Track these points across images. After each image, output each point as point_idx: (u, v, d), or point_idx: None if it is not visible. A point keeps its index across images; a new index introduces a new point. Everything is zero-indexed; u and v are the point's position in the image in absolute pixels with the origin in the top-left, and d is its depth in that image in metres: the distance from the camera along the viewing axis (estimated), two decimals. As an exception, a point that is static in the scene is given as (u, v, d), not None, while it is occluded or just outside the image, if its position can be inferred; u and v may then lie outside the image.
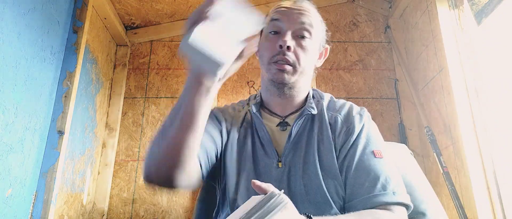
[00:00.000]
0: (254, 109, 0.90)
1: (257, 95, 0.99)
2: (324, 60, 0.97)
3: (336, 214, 0.77)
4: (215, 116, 0.93)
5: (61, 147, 1.51)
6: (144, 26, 2.38)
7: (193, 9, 2.34)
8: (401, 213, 0.74)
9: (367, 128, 0.86)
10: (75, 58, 1.64)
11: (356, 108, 0.91)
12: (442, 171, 1.69)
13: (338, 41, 2.38)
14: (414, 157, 1.12)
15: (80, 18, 1.71)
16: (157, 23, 2.39)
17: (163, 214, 2.03)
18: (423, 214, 0.90)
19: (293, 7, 0.87)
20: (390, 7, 2.41)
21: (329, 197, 0.77)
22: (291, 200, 0.78)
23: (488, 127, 1.57)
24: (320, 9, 2.45)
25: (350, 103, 0.94)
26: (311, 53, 0.86)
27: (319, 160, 0.81)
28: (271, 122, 0.91)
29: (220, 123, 0.91)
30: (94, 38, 1.98)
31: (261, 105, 0.95)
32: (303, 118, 0.87)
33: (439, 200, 1.00)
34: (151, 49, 2.37)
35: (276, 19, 0.86)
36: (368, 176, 0.77)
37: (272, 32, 0.87)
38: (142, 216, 2.02)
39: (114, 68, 2.28)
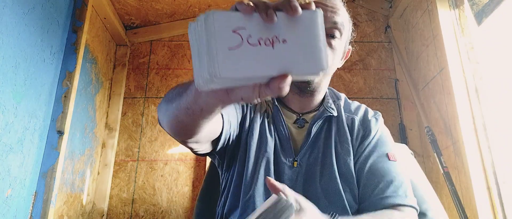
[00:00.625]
0: (275, 101, 0.88)
1: None
2: (344, 61, 0.95)
3: None
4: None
5: (61, 147, 1.51)
6: (144, 26, 2.38)
7: (193, 9, 2.34)
8: (412, 215, 0.76)
9: (381, 132, 0.87)
10: (75, 58, 1.64)
11: (371, 112, 0.92)
12: (442, 171, 1.69)
13: (338, 41, 2.38)
14: (414, 157, 1.12)
15: (79, 18, 1.71)
16: (157, 23, 2.39)
17: (163, 214, 2.02)
18: (424, 215, 0.90)
19: (326, 4, 0.82)
20: (390, 7, 2.41)
21: (346, 203, 0.77)
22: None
23: (488, 127, 1.57)
24: (320, 9, 2.46)
25: (365, 105, 0.95)
26: (338, 53, 0.84)
27: (336, 164, 0.80)
28: (289, 118, 0.89)
29: (242, 108, 0.89)
30: (94, 38, 1.97)
31: (278, 98, 0.92)
32: (323, 119, 0.86)
33: (439, 200, 1.00)
34: (151, 49, 2.37)
35: None
36: (382, 177, 0.78)
37: None
38: (142, 216, 2.02)
39: (114, 68, 2.28)
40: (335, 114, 0.87)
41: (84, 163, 1.88)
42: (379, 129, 0.87)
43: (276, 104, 0.88)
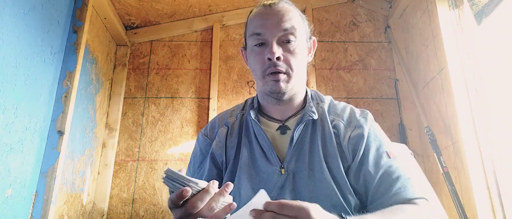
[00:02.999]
0: (252, 115, 0.89)
1: (254, 100, 0.97)
2: (314, 52, 0.95)
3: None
4: (204, 140, 0.95)
5: (61, 147, 1.51)
6: (144, 26, 2.38)
7: (193, 9, 2.34)
8: (426, 206, 0.76)
9: (374, 130, 0.86)
10: (75, 58, 1.64)
11: (358, 111, 0.90)
12: (442, 171, 1.69)
13: (338, 41, 2.38)
14: (414, 157, 1.12)
15: (80, 18, 1.71)
16: (157, 23, 2.39)
17: (163, 214, 2.03)
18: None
19: (271, 14, 0.84)
20: (390, 7, 2.41)
21: (343, 203, 0.77)
22: None
23: (488, 127, 1.57)
24: (320, 9, 2.47)
25: (351, 106, 0.93)
26: (300, 54, 0.85)
27: (327, 167, 0.80)
28: (270, 128, 0.90)
29: (209, 145, 0.92)
30: (94, 38, 1.98)
31: (259, 110, 0.94)
32: (304, 123, 0.86)
33: (439, 200, 1.00)
34: (151, 49, 2.37)
35: (257, 34, 0.84)
36: (388, 177, 0.78)
37: (257, 45, 0.85)
38: (142, 216, 2.02)
39: (114, 68, 2.28)
40: (316, 117, 0.86)
41: (84, 163, 1.88)
42: (371, 128, 0.86)
43: (253, 118, 0.89)
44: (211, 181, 0.62)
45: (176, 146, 2.16)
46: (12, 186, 1.28)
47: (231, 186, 0.63)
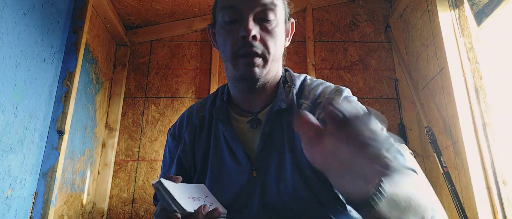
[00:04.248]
0: (218, 115, 0.78)
1: (225, 90, 0.85)
2: (291, 37, 0.82)
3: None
4: (172, 141, 0.86)
5: (61, 147, 1.51)
6: (144, 26, 2.38)
7: (193, 9, 2.34)
8: (416, 176, 0.63)
9: (350, 105, 0.72)
10: (75, 58, 1.64)
11: (330, 89, 0.76)
12: (442, 171, 1.69)
13: (338, 41, 2.38)
14: (414, 157, 1.12)
15: (80, 18, 1.71)
16: (157, 23, 2.39)
17: (163, 214, 2.03)
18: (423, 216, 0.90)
19: None
20: (390, 7, 2.41)
21: (311, 204, 0.67)
22: (266, 214, 0.68)
23: (488, 127, 1.57)
24: (320, 9, 2.47)
25: (326, 84, 0.79)
26: (280, 36, 0.73)
27: (296, 165, 0.68)
28: (241, 123, 0.78)
29: (176, 148, 0.83)
30: (94, 38, 1.98)
31: (229, 101, 0.83)
32: (274, 114, 0.74)
33: (439, 201, 1.00)
34: (151, 49, 2.37)
35: (230, 6, 0.70)
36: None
37: (229, 22, 0.71)
38: (142, 216, 2.02)
39: (114, 68, 2.28)
40: (284, 106, 0.73)
41: (84, 163, 1.88)
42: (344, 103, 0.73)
43: (220, 115, 0.78)
44: (201, 206, 0.57)
45: (176, 146, 2.16)
46: (12, 186, 1.28)
47: (220, 213, 0.58)
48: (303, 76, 0.82)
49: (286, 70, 0.84)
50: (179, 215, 0.55)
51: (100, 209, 1.98)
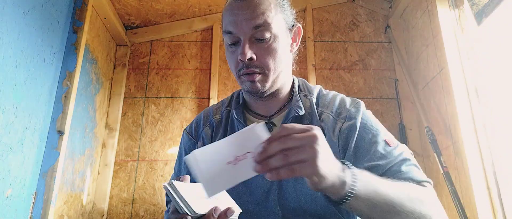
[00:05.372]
0: (235, 114, 0.83)
1: (240, 95, 0.91)
2: (300, 40, 0.86)
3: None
4: (188, 139, 0.90)
5: (61, 147, 1.51)
6: (144, 26, 2.38)
7: (193, 9, 2.34)
8: (431, 188, 0.72)
9: (368, 120, 0.78)
10: (75, 58, 1.64)
11: (348, 101, 0.83)
12: (442, 171, 1.69)
13: (338, 41, 2.38)
14: (414, 157, 1.12)
15: (80, 18, 1.71)
16: (157, 23, 2.39)
17: (163, 214, 2.02)
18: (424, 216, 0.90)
19: (241, 8, 0.75)
20: (390, 7, 2.41)
21: (333, 208, 0.72)
22: (283, 212, 0.73)
23: (488, 127, 1.57)
24: (320, 9, 2.47)
25: (341, 95, 0.85)
26: (279, 50, 0.77)
27: None
28: None
29: (194, 145, 0.87)
30: (94, 38, 1.98)
31: (244, 105, 0.88)
32: (290, 120, 0.79)
33: (439, 201, 1.00)
34: (151, 49, 2.37)
35: (228, 32, 0.76)
36: (391, 162, 0.71)
37: (231, 44, 0.78)
38: (142, 216, 2.02)
39: (114, 68, 2.28)
40: (302, 112, 0.79)
41: (84, 163, 1.88)
42: (363, 118, 0.78)
43: (237, 118, 0.82)
44: (213, 208, 0.58)
45: (176, 146, 2.16)
46: (12, 186, 1.28)
47: (232, 212, 0.59)
48: (318, 86, 0.89)
49: (300, 80, 0.91)
50: (189, 217, 0.56)
51: (100, 209, 1.98)
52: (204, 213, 0.57)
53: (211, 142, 0.82)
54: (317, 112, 0.80)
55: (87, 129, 1.90)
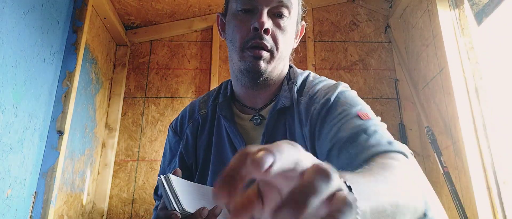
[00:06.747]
0: (219, 110, 0.79)
1: (228, 86, 0.85)
2: (299, 40, 0.82)
3: None
4: (173, 136, 0.86)
5: (61, 147, 1.51)
6: (144, 26, 2.38)
7: (193, 9, 2.34)
8: (405, 160, 0.58)
9: (344, 95, 0.70)
10: (75, 58, 1.64)
11: (329, 83, 0.75)
12: (442, 171, 1.69)
13: (338, 41, 2.38)
14: (414, 157, 1.12)
15: (79, 18, 1.71)
16: (157, 23, 2.39)
17: (163, 214, 2.03)
18: (424, 214, 0.90)
19: None
20: (390, 7, 2.41)
21: None
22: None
23: (488, 127, 1.57)
24: (320, 9, 2.47)
25: (326, 81, 0.77)
26: (290, 34, 0.74)
27: None
28: (244, 120, 0.78)
29: (178, 143, 0.83)
30: (94, 38, 1.97)
31: (232, 97, 0.83)
32: (277, 112, 0.74)
33: (439, 201, 1.00)
34: (151, 49, 2.37)
35: None
36: (359, 137, 0.60)
37: (243, 10, 0.71)
38: (142, 216, 2.02)
39: (114, 68, 2.28)
40: (288, 103, 0.73)
41: (84, 163, 1.88)
42: (339, 95, 0.70)
43: (221, 113, 0.78)
44: (200, 208, 0.56)
45: (176, 146, 2.16)
46: (12, 186, 1.28)
47: (220, 210, 0.56)
48: (306, 73, 0.81)
49: (290, 67, 0.83)
50: (179, 215, 0.54)
51: (100, 209, 1.98)
52: (192, 212, 0.55)
53: (196, 141, 0.80)
54: (299, 101, 0.74)
55: (87, 129, 1.90)
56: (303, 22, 0.82)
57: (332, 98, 0.69)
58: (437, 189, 1.83)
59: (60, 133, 1.52)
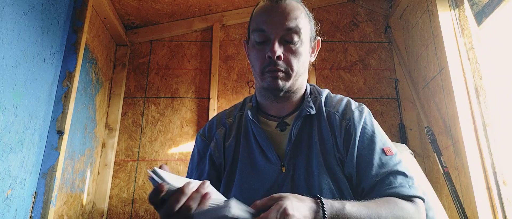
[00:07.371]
0: (250, 115, 0.89)
1: (252, 99, 0.97)
2: (317, 52, 0.94)
3: None
4: (201, 141, 0.95)
5: (61, 147, 1.51)
6: (144, 26, 2.38)
7: (193, 9, 2.34)
8: (421, 205, 0.75)
9: (370, 126, 0.84)
10: (75, 58, 1.64)
11: (354, 104, 0.90)
12: (442, 171, 1.69)
13: (338, 41, 2.38)
14: (414, 157, 1.12)
15: (79, 18, 1.71)
16: (157, 23, 2.39)
17: (163, 214, 2.03)
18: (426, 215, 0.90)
19: (276, 10, 0.82)
20: (390, 7, 2.41)
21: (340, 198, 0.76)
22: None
23: (488, 127, 1.57)
24: (320, 9, 2.47)
25: (348, 98, 0.92)
26: (303, 55, 0.84)
27: (324, 162, 0.79)
28: (269, 126, 0.89)
29: (207, 147, 0.92)
30: (94, 38, 1.97)
31: (257, 108, 0.94)
32: (302, 118, 0.85)
33: (439, 200, 1.00)
34: (150, 49, 2.37)
35: (260, 30, 0.82)
36: (384, 172, 0.77)
37: (259, 42, 0.84)
38: (142, 216, 2.02)
39: (114, 68, 2.28)
40: (313, 112, 0.86)
41: (84, 163, 1.88)
42: (366, 122, 0.85)
43: (251, 118, 0.88)
44: (187, 182, 0.61)
45: (176, 146, 2.16)
46: (12, 186, 1.28)
47: (207, 183, 0.61)
48: (326, 90, 0.96)
49: (311, 85, 0.97)
50: (166, 186, 0.57)
51: (100, 209, 1.98)
52: (179, 186, 0.59)
53: (224, 143, 0.90)
54: (325, 111, 0.87)
55: (87, 129, 1.90)
56: (318, 38, 0.93)
57: (360, 126, 0.83)
58: (437, 189, 1.83)
59: (60, 133, 1.52)
